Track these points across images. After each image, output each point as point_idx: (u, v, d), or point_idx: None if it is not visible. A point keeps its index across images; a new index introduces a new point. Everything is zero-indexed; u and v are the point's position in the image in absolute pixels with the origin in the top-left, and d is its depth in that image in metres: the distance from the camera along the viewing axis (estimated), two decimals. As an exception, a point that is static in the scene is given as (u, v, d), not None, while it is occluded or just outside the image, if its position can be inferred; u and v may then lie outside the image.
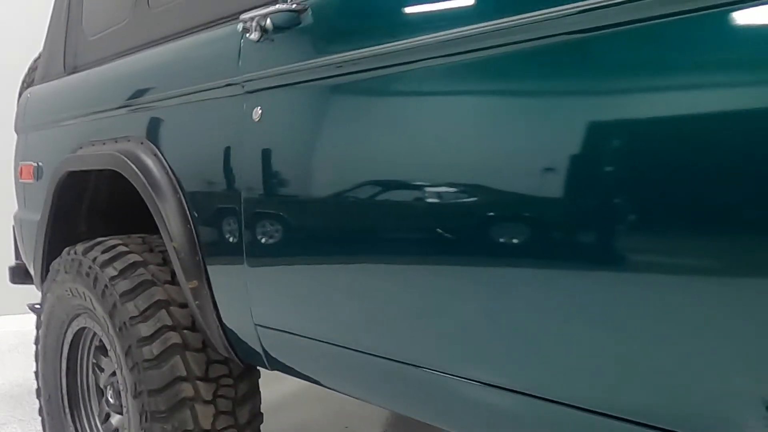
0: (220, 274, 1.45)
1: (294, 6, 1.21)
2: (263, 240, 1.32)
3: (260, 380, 1.81)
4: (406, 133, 1.04)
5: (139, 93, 1.71)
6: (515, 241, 0.91)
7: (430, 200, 1.02)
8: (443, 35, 0.96)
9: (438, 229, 1.00)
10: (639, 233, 0.78)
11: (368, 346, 1.14)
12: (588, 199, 0.81)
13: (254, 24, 1.26)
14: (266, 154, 1.30)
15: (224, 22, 1.42)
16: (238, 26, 1.29)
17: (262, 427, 2.24)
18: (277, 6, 1.23)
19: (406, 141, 1.04)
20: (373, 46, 1.06)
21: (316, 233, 1.24)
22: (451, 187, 0.99)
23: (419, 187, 1.03)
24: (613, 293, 0.79)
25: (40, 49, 2.52)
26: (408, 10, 1.06)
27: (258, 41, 1.28)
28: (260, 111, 1.29)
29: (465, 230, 0.96)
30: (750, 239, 0.69)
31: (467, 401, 1.03)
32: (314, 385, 1.40)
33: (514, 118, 0.90)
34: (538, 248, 0.88)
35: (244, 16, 1.27)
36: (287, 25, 1.23)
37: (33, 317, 2.13)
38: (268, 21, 1.25)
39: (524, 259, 0.89)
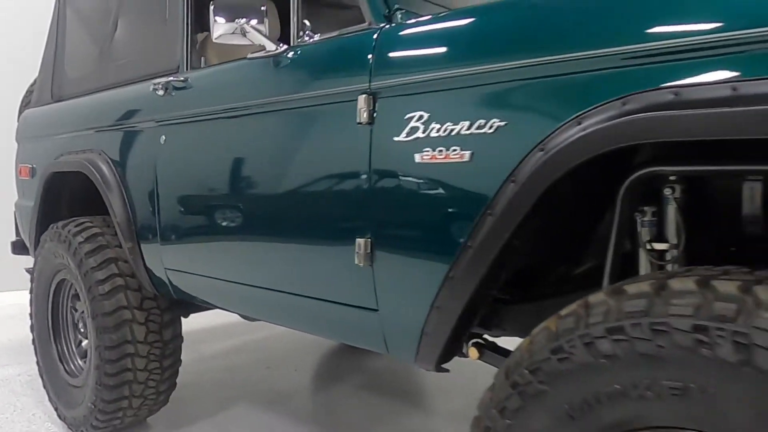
0: (145, 238, 2.21)
1: (182, 78, 2.01)
2: (168, 217, 2.10)
3: (198, 337, 2.35)
4: (223, 154, 1.84)
5: (100, 120, 2.41)
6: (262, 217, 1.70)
7: (242, 193, 1.80)
8: (227, 106, 1.80)
9: (245, 209, 1.78)
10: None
11: (224, 275, 1.92)
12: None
13: (160, 86, 2.06)
14: (168, 165, 2.07)
15: (149, 79, 2.17)
16: (150, 87, 2.08)
17: (199, 369, 2.98)
18: (173, 77, 2.03)
19: (223, 158, 1.84)
20: (213, 105, 1.87)
21: (198, 213, 2.00)
22: (247, 183, 1.78)
23: (235, 186, 1.81)
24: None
25: (35, 74, 3.08)
26: (214, 91, 1.90)
27: (163, 96, 2.07)
28: (164, 138, 2.07)
29: (254, 208, 1.75)
30: None
31: (274, 303, 1.81)
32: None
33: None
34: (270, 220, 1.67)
35: (155, 81, 2.07)
36: (179, 88, 2.03)
37: (27, 293, 2.75)
38: (169, 84, 2.05)
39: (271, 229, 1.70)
